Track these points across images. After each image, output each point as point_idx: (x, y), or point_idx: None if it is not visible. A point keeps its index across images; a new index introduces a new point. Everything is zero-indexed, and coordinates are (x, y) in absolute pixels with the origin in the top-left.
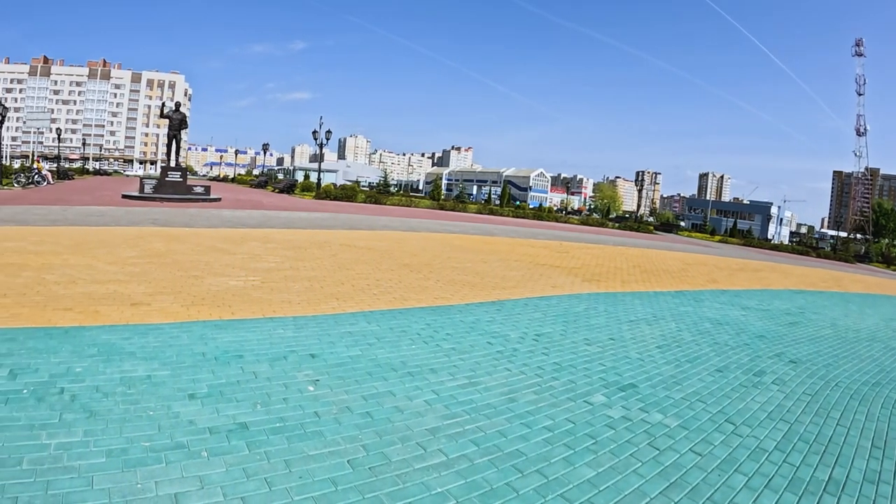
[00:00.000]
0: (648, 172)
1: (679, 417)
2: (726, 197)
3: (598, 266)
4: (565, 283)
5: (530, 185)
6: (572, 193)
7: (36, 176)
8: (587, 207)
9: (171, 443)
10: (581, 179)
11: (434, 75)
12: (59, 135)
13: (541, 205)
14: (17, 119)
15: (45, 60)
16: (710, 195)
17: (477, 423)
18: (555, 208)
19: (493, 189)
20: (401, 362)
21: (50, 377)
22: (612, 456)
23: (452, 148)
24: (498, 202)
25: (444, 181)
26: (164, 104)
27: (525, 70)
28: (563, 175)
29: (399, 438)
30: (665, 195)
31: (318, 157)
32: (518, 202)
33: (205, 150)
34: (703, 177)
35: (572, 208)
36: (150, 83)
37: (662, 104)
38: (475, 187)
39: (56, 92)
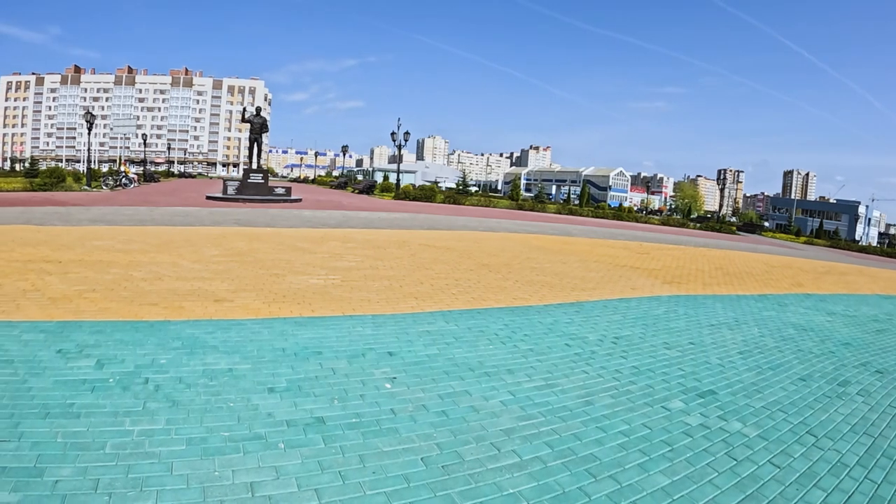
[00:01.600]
0: (731, 171)
1: (759, 427)
2: (812, 196)
3: (678, 268)
4: (645, 285)
5: (610, 184)
6: (652, 193)
7: (123, 179)
8: (667, 207)
9: (249, 434)
10: (661, 178)
11: (501, 83)
12: (144, 140)
13: (620, 204)
14: (105, 126)
15: (130, 70)
16: (795, 194)
17: (552, 425)
18: (634, 208)
19: (572, 189)
20: (478, 362)
21: (135, 368)
22: (687, 464)
23: (531, 147)
24: (577, 202)
25: (523, 181)
26: (244, 109)
27: (595, 77)
28: (642, 174)
29: (473, 438)
30: (748, 194)
31: (396, 159)
32: (597, 202)
33: (285, 152)
34: (788, 174)
35: (652, 208)
36: (230, 89)
37: (741, 104)
38: (554, 187)
39: (141, 100)
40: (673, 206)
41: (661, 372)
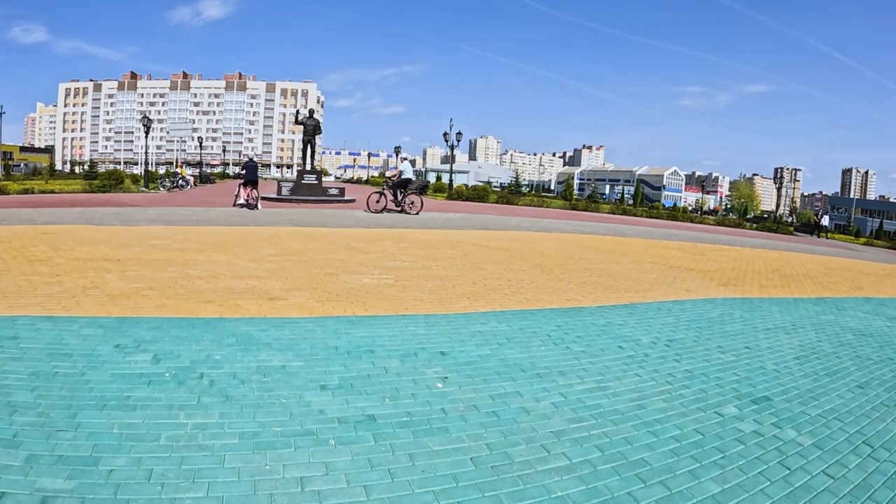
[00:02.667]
0: (787, 169)
1: (814, 436)
2: (871, 195)
3: (734, 269)
4: (700, 287)
5: (664, 183)
6: (707, 192)
7: (180, 180)
8: (723, 207)
9: (300, 429)
10: (716, 177)
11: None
12: (200, 143)
13: (675, 204)
14: (161, 129)
15: (185, 76)
16: (854, 193)
17: (603, 428)
18: (689, 208)
19: (625, 188)
20: (530, 363)
21: (191, 363)
22: (739, 472)
23: (584, 147)
24: (631, 202)
25: (576, 181)
26: (297, 111)
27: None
28: (697, 173)
29: (523, 439)
30: (806, 193)
31: (449, 159)
32: (651, 202)
33: (338, 153)
34: (846, 173)
35: (707, 208)
36: (283, 92)
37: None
38: (607, 187)
39: (196, 104)
40: (728, 206)
41: (714, 376)
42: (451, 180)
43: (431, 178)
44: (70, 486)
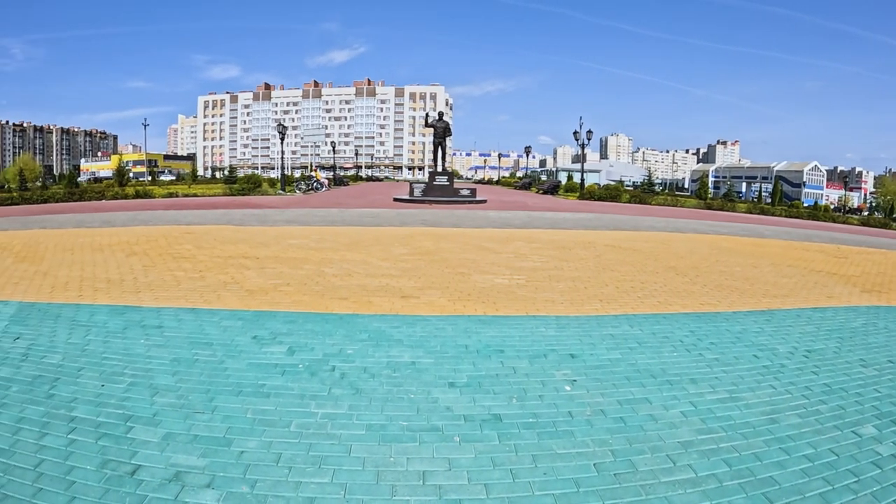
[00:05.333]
0: None
1: None
2: None
3: (879, 274)
4: (842, 294)
5: (804, 180)
6: (850, 189)
7: (315, 183)
8: (868, 205)
9: (426, 425)
10: (860, 172)
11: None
12: (333, 147)
13: (815, 203)
14: (296, 135)
15: (316, 84)
16: None
17: (733, 441)
18: (831, 206)
19: (762, 186)
20: (661, 369)
21: (324, 356)
22: (872, 499)
23: (718, 142)
24: (769, 200)
25: (711, 178)
26: (427, 114)
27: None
28: (839, 168)
29: (649, 448)
30: None
31: (580, 158)
32: (790, 200)
33: (468, 154)
34: None
35: (850, 206)
36: (412, 96)
37: None
38: (743, 184)
39: (328, 110)
40: (873, 204)
41: (854, 392)
42: (582, 180)
43: (563, 177)
44: (202, 464)
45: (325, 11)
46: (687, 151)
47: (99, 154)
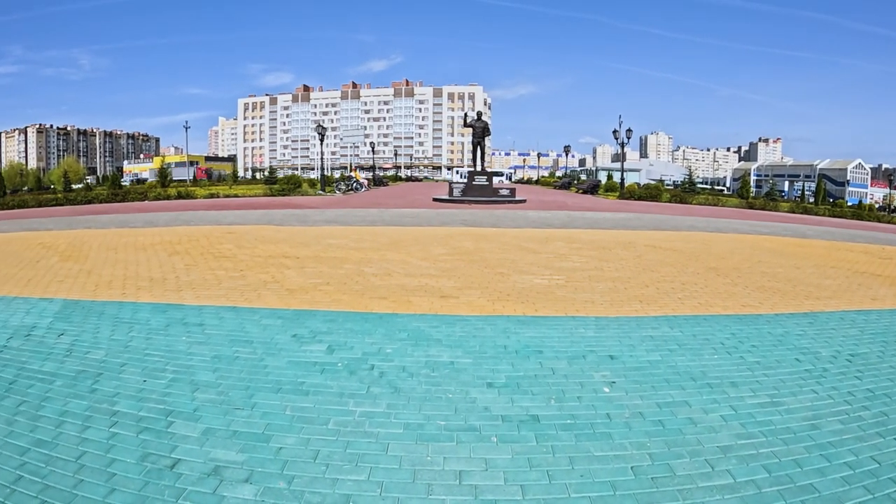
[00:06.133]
0: None
1: None
2: None
3: None
4: (887, 296)
5: (847, 178)
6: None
7: (354, 184)
8: None
9: (464, 425)
10: None
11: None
12: (373, 148)
13: (860, 202)
14: (335, 136)
15: (354, 85)
16: None
17: (773, 447)
18: (876, 205)
19: (805, 184)
20: (701, 372)
21: (363, 355)
22: None
23: (759, 140)
24: (812, 199)
25: (753, 177)
26: (466, 114)
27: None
28: (884, 166)
29: (688, 452)
30: None
31: (619, 157)
32: (834, 199)
33: (507, 154)
34: None
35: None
36: (450, 96)
37: None
38: (786, 183)
39: (367, 111)
40: None
41: None
42: (622, 179)
43: (602, 177)
44: (241, 459)
45: (361, 24)
46: (728, 149)
47: (141, 156)
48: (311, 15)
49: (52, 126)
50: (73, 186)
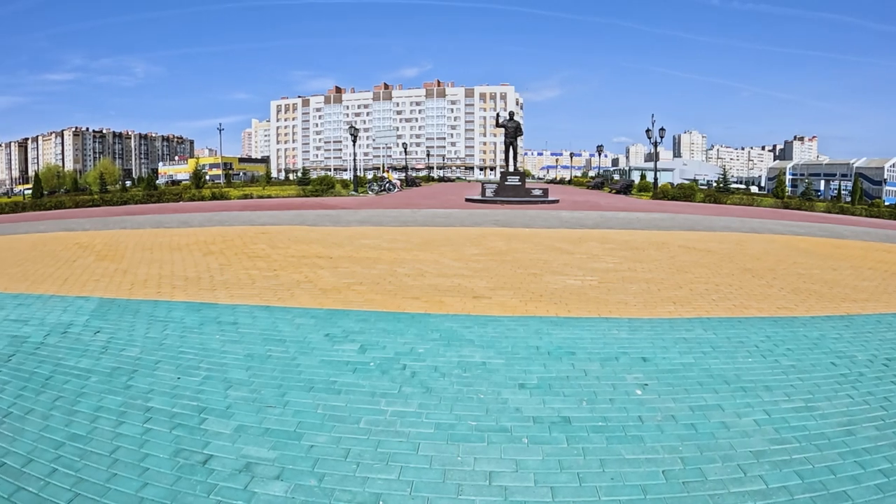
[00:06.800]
0: None
1: None
2: None
3: None
4: None
5: (885, 177)
6: None
7: (387, 184)
8: None
9: (495, 426)
10: None
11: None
12: (405, 148)
13: None
14: (367, 137)
15: (386, 87)
16: None
17: (806, 452)
18: None
19: (841, 183)
20: (735, 375)
21: (395, 354)
22: None
23: (794, 138)
24: (848, 199)
25: (788, 176)
26: (498, 114)
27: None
28: None
29: (720, 457)
30: None
31: (653, 157)
32: (871, 198)
33: (540, 154)
34: None
35: None
36: (482, 96)
37: None
38: (822, 182)
39: (399, 112)
40: None
41: None
42: (655, 179)
43: (635, 176)
44: (272, 456)
45: (395, 32)
46: (763, 148)
47: (176, 158)
48: (350, 24)
49: (87, 129)
50: (109, 188)
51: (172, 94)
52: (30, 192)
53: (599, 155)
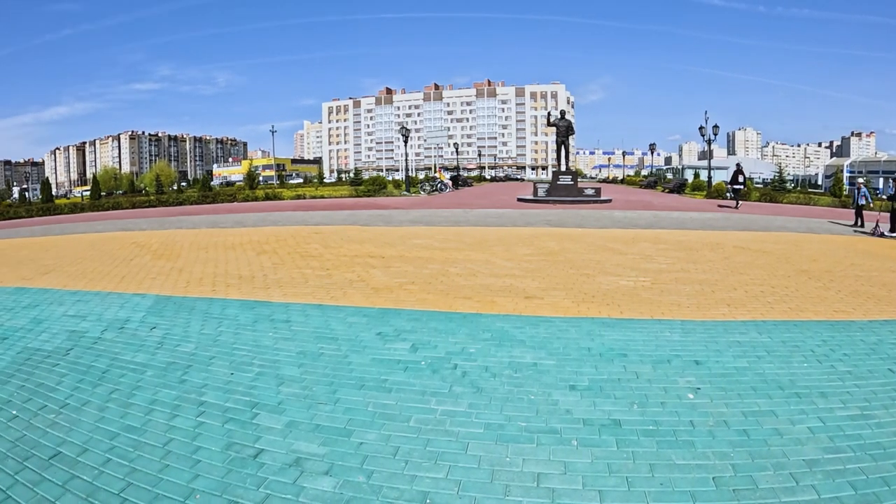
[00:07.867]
0: None
1: None
2: None
3: None
4: None
5: None
6: None
7: (439, 184)
8: None
9: (545, 427)
10: None
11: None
12: (456, 148)
13: None
14: (418, 138)
15: (436, 87)
16: None
17: (861, 463)
18: None
19: None
20: (789, 381)
21: (446, 354)
22: None
23: (852, 134)
24: None
25: (846, 173)
26: (549, 113)
27: None
28: None
29: (772, 465)
30: None
31: (706, 154)
32: None
33: (592, 153)
34: None
35: None
36: (532, 95)
37: None
38: (881, 179)
39: (449, 112)
40: None
41: None
42: (709, 177)
43: (689, 175)
44: (322, 452)
45: (454, 39)
46: (819, 145)
47: (230, 160)
48: (413, 34)
49: (143, 132)
50: (165, 189)
51: (247, 100)
52: (87, 193)
53: (652, 153)
